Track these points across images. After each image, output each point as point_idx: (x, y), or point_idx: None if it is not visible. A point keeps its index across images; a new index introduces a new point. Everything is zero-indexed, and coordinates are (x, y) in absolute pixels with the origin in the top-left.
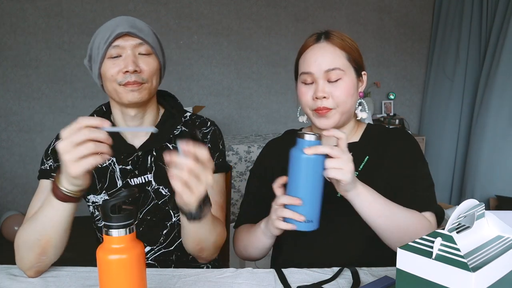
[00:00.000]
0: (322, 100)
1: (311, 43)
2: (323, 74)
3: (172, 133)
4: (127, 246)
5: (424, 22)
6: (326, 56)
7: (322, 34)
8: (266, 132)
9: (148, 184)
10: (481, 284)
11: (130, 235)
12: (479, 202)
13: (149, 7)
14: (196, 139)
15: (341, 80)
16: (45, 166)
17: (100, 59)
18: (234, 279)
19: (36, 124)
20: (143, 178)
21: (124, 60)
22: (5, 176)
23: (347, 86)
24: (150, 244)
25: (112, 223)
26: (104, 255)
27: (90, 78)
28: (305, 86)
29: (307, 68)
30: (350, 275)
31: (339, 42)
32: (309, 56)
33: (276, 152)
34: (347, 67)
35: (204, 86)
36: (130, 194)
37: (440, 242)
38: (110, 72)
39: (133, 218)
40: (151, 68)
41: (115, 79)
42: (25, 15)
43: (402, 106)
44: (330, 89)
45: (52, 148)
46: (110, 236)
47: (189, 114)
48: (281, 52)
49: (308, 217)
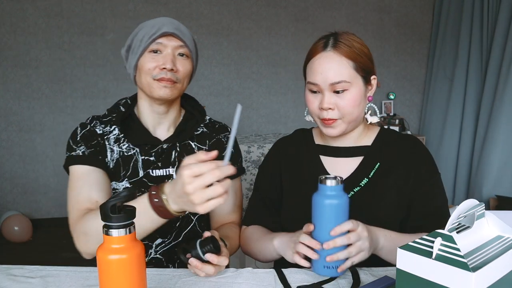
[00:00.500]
0: (328, 111)
1: (318, 50)
2: (329, 86)
3: (195, 132)
4: (127, 246)
5: (424, 22)
6: (332, 69)
7: (329, 40)
8: (266, 132)
9: (169, 177)
10: (481, 284)
11: (130, 235)
12: (479, 202)
13: (149, 7)
14: None
15: (347, 91)
16: (76, 153)
17: (141, 51)
18: (234, 279)
19: (36, 124)
20: (165, 171)
21: (164, 57)
22: (5, 176)
23: (353, 98)
24: (162, 236)
25: (112, 223)
26: (104, 255)
27: (90, 78)
28: (312, 94)
29: (313, 78)
30: (350, 275)
31: (346, 50)
32: (315, 66)
33: (285, 151)
34: (353, 77)
35: (204, 86)
36: (130, 194)
37: (440, 242)
38: (148, 66)
39: (133, 218)
40: (186, 69)
41: (151, 73)
42: (25, 15)
43: (402, 106)
44: (336, 100)
45: (81, 135)
46: (110, 236)
47: (208, 118)
48: (281, 52)
49: (328, 263)
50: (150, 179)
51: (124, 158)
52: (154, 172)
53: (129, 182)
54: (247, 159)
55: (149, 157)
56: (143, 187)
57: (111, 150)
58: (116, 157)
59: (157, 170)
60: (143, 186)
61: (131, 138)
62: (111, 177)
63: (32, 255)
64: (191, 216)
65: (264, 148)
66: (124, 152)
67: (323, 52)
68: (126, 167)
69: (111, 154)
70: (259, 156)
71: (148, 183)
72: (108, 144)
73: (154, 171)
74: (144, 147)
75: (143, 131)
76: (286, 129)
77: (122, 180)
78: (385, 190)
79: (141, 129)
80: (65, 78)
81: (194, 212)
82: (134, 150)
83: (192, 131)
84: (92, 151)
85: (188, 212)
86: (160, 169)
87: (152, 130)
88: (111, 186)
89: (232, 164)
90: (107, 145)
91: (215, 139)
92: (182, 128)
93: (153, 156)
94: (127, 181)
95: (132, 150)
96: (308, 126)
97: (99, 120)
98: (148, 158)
